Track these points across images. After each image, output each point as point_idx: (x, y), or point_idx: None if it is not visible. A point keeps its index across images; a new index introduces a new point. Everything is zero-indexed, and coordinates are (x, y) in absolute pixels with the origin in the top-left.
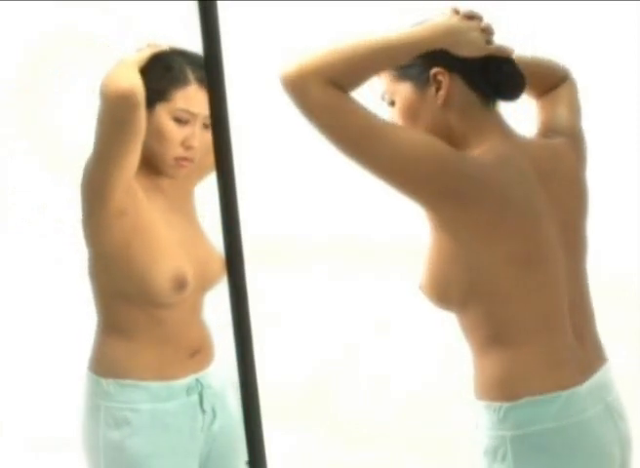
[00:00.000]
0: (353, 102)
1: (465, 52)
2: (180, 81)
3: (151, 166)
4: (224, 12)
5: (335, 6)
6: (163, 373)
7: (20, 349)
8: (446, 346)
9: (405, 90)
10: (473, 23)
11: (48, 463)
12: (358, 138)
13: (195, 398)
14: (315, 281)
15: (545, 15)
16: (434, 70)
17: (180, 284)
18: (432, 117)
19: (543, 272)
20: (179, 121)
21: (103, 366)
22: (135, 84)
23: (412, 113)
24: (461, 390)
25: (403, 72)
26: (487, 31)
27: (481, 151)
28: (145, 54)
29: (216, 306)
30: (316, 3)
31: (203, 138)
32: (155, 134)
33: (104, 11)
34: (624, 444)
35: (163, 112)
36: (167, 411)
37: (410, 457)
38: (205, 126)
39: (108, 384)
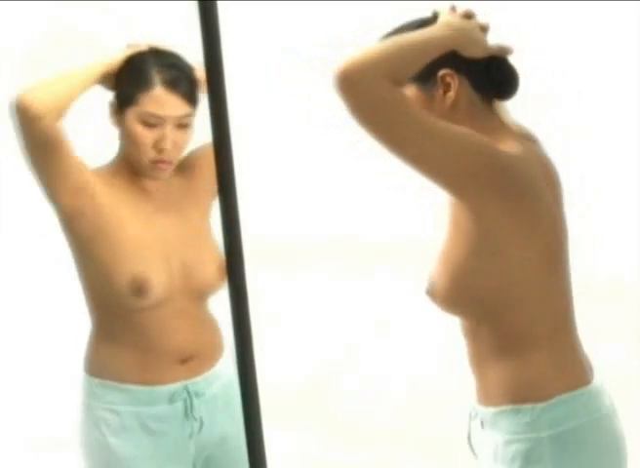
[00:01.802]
0: (407, 97)
1: (473, 52)
2: (144, 84)
3: (135, 168)
4: (224, 12)
5: (335, 6)
6: (145, 377)
7: (20, 349)
8: (446, 346)
9: (411, 93)
10: (474, 22)
11: (48, 463)
12: (414, 135)
13: (180, 405)
14: (315, 281)
15: (545, 15)
16: (442, 72)
17: (138, 288)
18: (440, 119)
19: (562, 270)
20: (147, 124)
21: (91, 365)
22: (33, 97)
23: None
24: (461, 390)
25: None
26: (485, 30)
27: (507, 148)
28: (119, 57)
29: (216, 306)
30: (316, 3)
31: (179, 138)
32: (128, 138)
33: (104, 11)
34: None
35: (132, 116)
36: (149, 415)
37: (410, 457)
38: (180, 126)
39: (95, 384)
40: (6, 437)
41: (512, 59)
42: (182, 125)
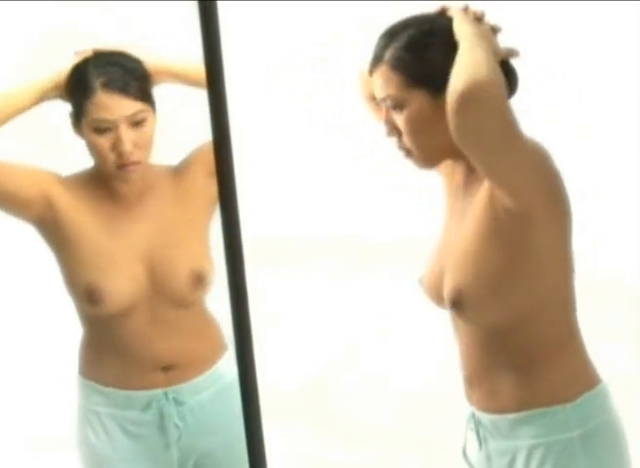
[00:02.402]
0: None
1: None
2: (86, 92)
3: (106, 174)
4: (224, 12)
5: (335, 6)
6: (121, 382)
7: (20, 349)
8: (446, 346)
9: (420, 97)
10: (487, 26)
11: (48, 463)
12: (512, 149)
13: (155, 411)
14: (315, 281)
15: (545, 14)
16: None
17: (90, 297)
18: (446, 126)
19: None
20: (100, 131)
21: (81, 366)
22: None
23: (426, 122)
24: (461, 390)
25: (419, 78)
26: (497, 32)
27: None
28: (65, 69)
29: (216, 306)
30: (316, 3)
31: (138, 137)
32: (89, 148)
33: (104, 11)
34: None
35: (85, 126)
36: (127, 419)
37: (410, 457)
38: (134, 124)
39: (84, 384)
40: (6, 437)
41: (513, 60)
42: (137, 122)
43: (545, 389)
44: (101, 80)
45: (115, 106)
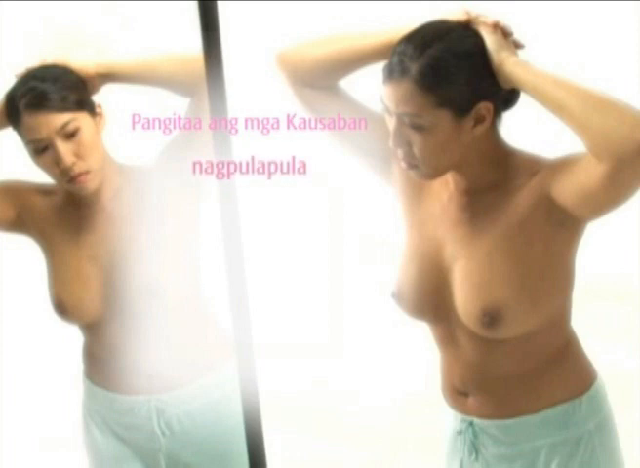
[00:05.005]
0: None
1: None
2: (15, 117)
3: None
4: (224, 12)
5: (336, 6)
6: (109, 385)
7: (22, 348)
8: None
9: (443, 118)
10: (511, 41)
11: (48, 463)
12: None
13: (140, 417)
14: (315, 280)
15: (545, 15)
16: (482, 105)
17: (58, 310)
18: (463, 147)
19: None
20: (39, 152)
21: (83, 365)
22: None
23: (445, 142)
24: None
25: (445, 100)
26: (519, 48)
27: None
28: (2, 99)
29: (216, 306)
30: (316, 3)
31: (77, 146)
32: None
33: (104, 11)
34: None
35: (28, 151)
36: (116, 422)
37: (410, 457)
38: (68, 135)
39: (85, 383)
40: (7, 437)
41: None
42: (71, 133)
43: (561, 386)
44: (24, 101)
45: (42, 124)
